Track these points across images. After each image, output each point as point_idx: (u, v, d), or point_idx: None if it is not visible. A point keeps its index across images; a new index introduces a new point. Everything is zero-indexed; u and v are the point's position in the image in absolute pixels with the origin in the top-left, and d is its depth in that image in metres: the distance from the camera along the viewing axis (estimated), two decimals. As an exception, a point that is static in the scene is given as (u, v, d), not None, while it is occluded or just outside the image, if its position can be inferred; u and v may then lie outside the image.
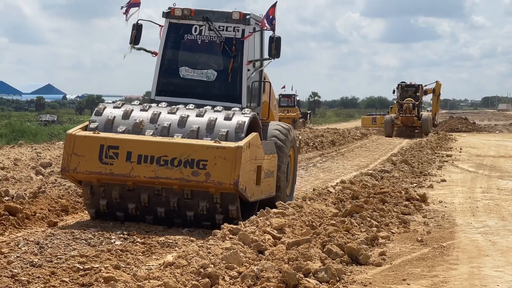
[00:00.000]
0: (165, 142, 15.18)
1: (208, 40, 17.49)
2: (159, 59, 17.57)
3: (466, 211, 19.11)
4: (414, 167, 29.94)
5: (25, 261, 12.24)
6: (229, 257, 11.04)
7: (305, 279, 10.64)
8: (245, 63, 17.30)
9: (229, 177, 14.78)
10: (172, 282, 9.47)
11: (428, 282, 11.69)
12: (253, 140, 15.45)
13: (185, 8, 17.35)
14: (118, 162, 15.11)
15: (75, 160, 15.24)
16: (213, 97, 17.33)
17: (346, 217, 15.74)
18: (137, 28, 17.74)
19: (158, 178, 15.02)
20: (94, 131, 15.64)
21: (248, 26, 17.35)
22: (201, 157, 14.84)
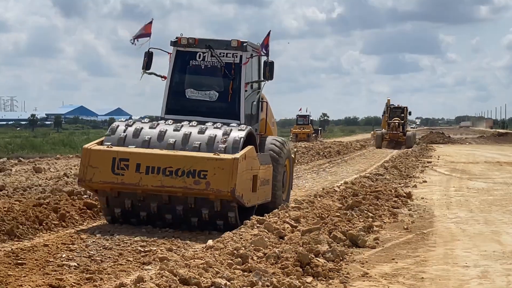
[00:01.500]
0: (170, 155, 14.00)
1: (211, 65, 16.29)
2: (168, 82, 16.38)
3: (442, 205, 19.04)
4: (402, 171, 29.81)
5: (99, 245, 12.32)
6: (256, 241, 11.05)
7: (315, 259, 10.64)
8: (243, 85, 16.09)
9: (226, 185, 13.60)
10: (212, 261, 9.49)
11: (412, 260, 11.69)
12: (248, 152, 14.32)
13: (190, 37, 16.26)
14: (129, 173, 13.93)
15: (91, 172, 14.10)
16: (215, 115, 16.00)
17: (348, 210, 15.72)
18: (148, 55, 16.52)
19: (164, 187, 13.85)
20: (108, 145, 14.46)
21: (246, 53, 16.19)
22: (202, 168, 13.69)
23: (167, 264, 8.87)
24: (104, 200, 14.64)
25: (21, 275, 9.84)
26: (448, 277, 10.51)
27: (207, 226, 14.36)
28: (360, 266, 11.09)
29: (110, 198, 14.50)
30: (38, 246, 12.09)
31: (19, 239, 12.80)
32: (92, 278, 9.82)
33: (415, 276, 10.50)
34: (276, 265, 10.19)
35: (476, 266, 11.24)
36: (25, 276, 9.79)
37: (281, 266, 10.17)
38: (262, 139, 16.98)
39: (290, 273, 9.89)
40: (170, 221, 14.42)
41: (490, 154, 47.21)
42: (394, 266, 11.21)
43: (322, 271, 10.29)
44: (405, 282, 10.13)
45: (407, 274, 10.66)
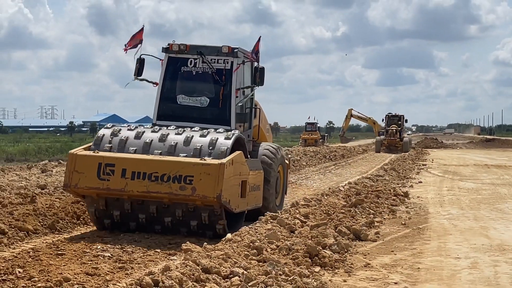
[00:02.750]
0: (155, 160, 12.40)
1: (202, 71, 14.66)
2: (159, 88, 14.72)
3: (436, 203, 18.97)
4: (400, 173, 29.75)
5: (130, 238, 12.34)
6: (270, 235, 11.04)
7: (323, 251, 10.62)
8: (234, 91, 14.46)
9: (212, 191, 12.03)
10: (230, 252, 9.49)
11: (409, 252, 11.66)
12: (236, 157, 12.75)
13: (181, 44, 14.63)
14: (114, 178, 12.33)
15: (76, 177, 12.50)
16: (206, 120, 14.44)
17: (352, 207, 15.69)
18: (140, 62, 14.87)
19: (150, 193, 12.25)
20: (94, 150, 12.91)
21: (236, 59, 14.55)
22: (188, 173, 12.13)
23: (191, 255, 8.88)
24: (92, 211, 13.03)
25: (61, 264, 9.87)
26: (441, 267, 10.48)
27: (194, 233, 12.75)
28: (362, 257, 11.07)
29: (97, 210, 12.96)
30: (76, 239, 12.18)
31: (59, 232, 12.87)
32: (124, 267, 9.83)
33: (412, 267, 10.48)
34: (287, 256, 10.18)
35: (467, 258, 11.20)
36: (65, 265, 9.82)
37: (292, 257, 10.16)
38: (255, 145, 15.63)
39: (300, 263, 9.88)
40: (159, 230, 12.84)
41: (479, 158, 47.06)
42: (393, 258, 11.19)
43: (329, 261, 10.28)
44: (403, 272, 10.11)
45: (405, 264, 10.64)
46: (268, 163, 15.09)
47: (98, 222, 13.14)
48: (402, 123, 61.49)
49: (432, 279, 9.72)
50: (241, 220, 13.49)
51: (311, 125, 73.18)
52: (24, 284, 8.17)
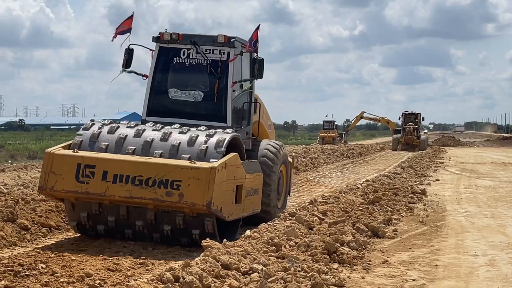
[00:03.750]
0: (140, 162, 10.90)
1: (196, 63, 13.18)
2: (150, 81, 13.29)
3: (454, 201, 18.90)
4: (417, 171, 29.67)
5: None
6: (289, 232, 11.04)
7: (341, 247, 10.60)
8: (230, 84, 12.98)
9: (202, 198, 10.60)
10: (250, 249, 9.50)
11: (427, 250, 11.62)
12: (230, 160, 11.24)
13: (173, 33, 13.17)
14: (94, 181, 10.87)
15: (53, 179, 11.05)
16: (200, 117, 13.00)
17: (370, 205, 15.65)
18: (129, 52, 13.34)
19: (133, 198, 10.78)
20: (73, 149, 11.42)
21: (234, 49, 13.10)
22: (175, 178, 10.65)
23: (211, 251, 8.90)
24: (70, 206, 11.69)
25: (83, 260, 9.92)
26: (459, 265, 10.44)
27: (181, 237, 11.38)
28: (380, 254, 11.05)
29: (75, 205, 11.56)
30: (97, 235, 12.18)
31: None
32: (144, 263, 9.86)
33: (429, 264, 10.45)
34: (306, 253, 10.18)
35: (484, 255, 11.15)
36: (86, 261, 9.86)
37: (311, 254, 10.15)
38: (255, 143, 14.20)
39: (319, 260, 9.87)
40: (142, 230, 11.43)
41: (496, 156, 46.80)
42: (411, 255, 11.15)
43: (347, 258, 10.26)
44: (421, 269, 10.08)
45: (422, 261, 10.61)
46: (268, 164, 13.75)
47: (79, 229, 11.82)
48: (419, 121, 61.22)
49: (450, 276, 9.68)
50: (236, 228, 12.13)
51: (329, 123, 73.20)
52: (47, 279, 8.22)
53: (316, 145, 59.48)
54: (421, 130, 64.10)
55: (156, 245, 11.35)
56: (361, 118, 74.39)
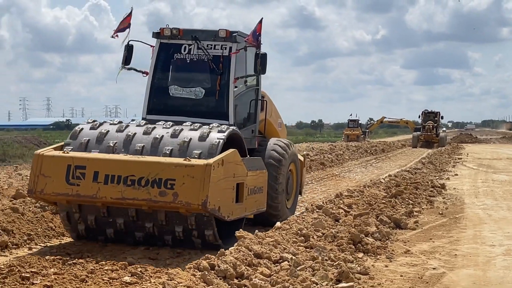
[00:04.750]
0: (132, 161, 9.74)
1: (197, 59, 11.96)
2: (150, 78, 12.12)
3: (471, 194, 18.76)
4: (437, 166, 29.45)
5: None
6: (316, 223, 11.03)
7: (365, 238, 10.58)
8: (232, 81, 11.73)
9: (197, 197, 9.41)
10: (280, 239, 9.51)
11: (446, 240, 11.56)
12: (228, 157, 10.00)
13: (173, 28, 11.98)
14: (85, 182, 9.74)
15: (42, 181, 9.92)
16: (201, 114, 11.76)
17: (392, 198, 15.58)
18: (128, 49, 12.19)
19: (125, 199, 9.64)
20: (64, 150, 10.27)
21: (236, 44, 11.84)
22: (168, 176, 9.50)
23: (244, 241, 8.92)
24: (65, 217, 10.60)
25: (125, 250, 9.99)
26: (477, 254, 10.37)
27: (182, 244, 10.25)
28: (403, 244, 11.00)
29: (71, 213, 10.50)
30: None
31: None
32: (182, 253, 9.91)
33: (449, 253, 10.39)
34: (333, 243, 10.17)
35: (501, 245, 11.06)
36: (128, 250, 9.94)
37: (337, 244, 10.14)
38: (263, 141, 12.98)
39: (345, 249, 9.86)
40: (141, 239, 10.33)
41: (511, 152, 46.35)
42: (431, 245, 11.10)
43: (371, 248, 10.24)
44: (441, 258, 10.03)
45: (442, 251, 10.55)
46: (276, 163, 12.50)
47: (71, 229, 10.70)
48: (438, 120, 60.68)
49: (469, 265, 9.63)
50: (239, 228, 10.54)
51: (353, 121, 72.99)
52: (92, 267, 8.29)
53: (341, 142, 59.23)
54: (440, 128, 63.55)
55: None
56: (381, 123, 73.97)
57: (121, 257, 9.27)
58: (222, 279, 7.40)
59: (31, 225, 10.98)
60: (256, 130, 12.82)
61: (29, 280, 7.66)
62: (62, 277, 7.84)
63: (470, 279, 8.74)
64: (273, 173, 12.29)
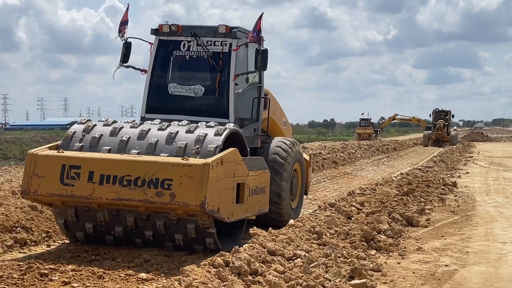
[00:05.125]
0: (128, 161, 9.20)
1: (196, 56, 11.41)
2: (148, 76, 11.55)
3: (483, 192, 18.67)
4: (448, 164, 29.34)
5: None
6: (329, 221, 11.01)
7: (378, 235, 10.55)
8: (232, 78, 11.15)
9: (195, 197, 8.84)
10: (293, 236, 9.49)
11: (458, 237, 11.50)
12: (227, 156, 9.41)
13: (172, 24, 11.39)
14: (80, 183, 9.20)
15: (36, 182, 9.37)
16: (201, 113, 11.22)
17: (404, 196, 15.52)
18: (126, 46, 11.64)
19: (121, 200, 9.09)
20: (58, 150, 9.70)
21: (236, 40, 11.28)
22: (166, 176, 8.95)
23: (258, 239, 8.91)
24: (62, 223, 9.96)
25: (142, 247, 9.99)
26: (489, 251, 10.32)
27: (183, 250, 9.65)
28: (415, 242, 10.96)
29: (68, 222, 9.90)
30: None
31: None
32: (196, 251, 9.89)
33: (461, 250, 10.35)
34: (345, 240, 10.15)
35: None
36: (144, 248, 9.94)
37: (350, 241, 10.12)
38: (266, 140, 12.41)
39: (357, 247, 9.84)
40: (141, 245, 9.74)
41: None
42: (443, 242, 11.05)
43: (384, 245, 10.21)
44: (453, 255, 9.98)
45: (454, 248, 10.51)
46: (279, 162, 11.98)
47: (70, 236, 10.16)
48: (449, 118, 60.39)
49: (480, 262, 9.58)
50: (240, 230, 10.42)
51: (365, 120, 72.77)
52: (109, 264, 8.32)
53: (353, 141, 59.11)
54: (451, 127, 63.24)
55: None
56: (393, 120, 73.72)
57: (137, 254, 9.27)
58: (236, 275, 7.39)
59: (49, 223, 11.03)
60: (258, 128, 12.21)
61: (48, 277, 7.69)
62: (80, 273, 7.89)
63: (482, 276, 8.70)
64: (276, 173, 11.82)
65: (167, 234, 9.48)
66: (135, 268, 8.22)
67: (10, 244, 9.75)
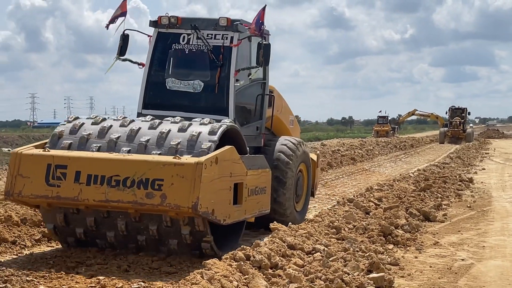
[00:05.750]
0: (116, 160, 8.31)
1: (196, 49, 10.48)
2: (146, 70, 10.64)
3: (499, 188, 18.53)
4: (464, 161, 29.17)
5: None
6: (347, 216, 10.98)
7: (395, 230, 10.51)
8: (233, 73, 10.25)
9: (186, 199, 7.96)
10: (313, 231, 9.48)
11: (474, 232, 11.42)
12: (223, 154, 8.48)
13: (171, 16, 10.50)
14: (66, 183, 8.31)
15: (20, 182, 8.49)
16: (200, 109, 10.33)
17: (421, 191, 15.46)
18: (124, 38, 10.71)
19: (109, 202, 8.19)
20: (44, 148, 8.81)
21: (237, 33, 10.35)
22: (156, 176, 8.07)
23: (278, 233, 8.91)
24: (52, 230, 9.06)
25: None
26: (504, 246, 10.24)
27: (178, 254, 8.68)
28: (432, 236, 10.91)
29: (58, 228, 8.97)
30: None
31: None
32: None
33: (477, 245, 10.28)
34: (363, 235, 10.13)
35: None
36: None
37: (368, 235, 10.10)
38: (271, 139, 11.57)
39: (375, 241, 9.81)
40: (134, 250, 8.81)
41: (538, 147, 45.76)
42: (460, 237, 10.99)
43: (401, 240, 10.17)
44: (469, 250, 9.92)
45: (470, 243, 10.44)
46: (284, 161, 11.11)
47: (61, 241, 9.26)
48: (465, 116, 59.95)
49: (496, 256, 9.51)
50: (239, 232, 9.48)
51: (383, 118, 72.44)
52: (133, 258, 8.35)
53: (371, 138, 58.89)
54: (467, 124, 62.76)
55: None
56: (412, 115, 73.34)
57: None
58: (257, 269, 7.39)
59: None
60: (262, 127, 11.24)
61: (74, 270, 7.75)
62: (105, 267, 7.94)
63: (498, 270, 8.64)
64: (280, 174, 10.99)
65: (161, 239, 8.62)
66: (159, 262, 8.25)
67: (38, 238, 9.84)
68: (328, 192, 17.39)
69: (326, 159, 26.24)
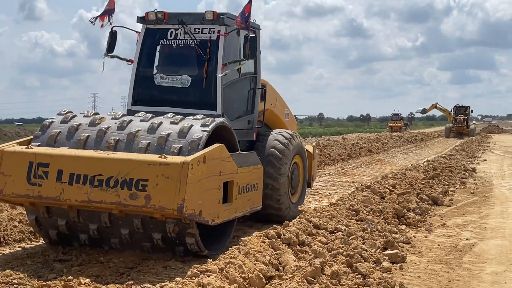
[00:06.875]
0: (99, 158, 7.06)
1: (183, 44, 9.21)
2: (135, 66, 9.42)
3: (499, 177, 18.27)
4: (468, 152, 28.80)
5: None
6: (365, 200, 10.91)
7: (408, 213, 10.43)
8: (220, 67, 8.91)
9: (172, 200, 6.73)
10: (335, 213, 9.44)
11: (477, 215, 11.28)
12: (212, 153, 7.23)
13: (158, 12, 9.27)
14: (48, 182, 7.12)
15: (2, 181, 7.30)
16: (188, 104, 8.98)
17: (430, 179, 15.28)
18: (112, 35, 9.56)
19: (91, 202, 6.97)
20: (28, 145, 7.54)
21: (224, 27, 9.05)
22: (140, 176, 6.83)
23: (304, 215, 8.89)
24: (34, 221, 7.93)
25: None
26: (504, 227, 10.11)
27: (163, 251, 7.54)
28: (439, 219, 10.80)
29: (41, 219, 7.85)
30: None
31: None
32: (253, 225, 9.90)
33: (480, 226, 10.16)
34: (379, 217, 10.06)
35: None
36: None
37: (383, 217, 10.03)
38: (263, 133, 10.23)
39: (390, 222, 9.74)
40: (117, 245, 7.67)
41: (534, 141, 45.00)
42: (464, 219, 10.86)
43: (413, 221, 10.09)
44: (473, 230, 9.80)
45: (474, 224, 10.32)
46: (277, 155, 9.87)
47: (43, 235, 8.11)
48: (468, 113, 59.06)
49: (497, 236, 9.39)
50: (229, 230, 8.27)
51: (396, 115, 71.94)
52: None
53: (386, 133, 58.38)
54: (470, 121, 61.85)
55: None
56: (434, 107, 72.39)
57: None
58: (286, 245, 7.38)
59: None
60: (253, 121, 9.97)
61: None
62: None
63: (498, 248, 8.53)
64: (274, 167, 9.81)
65: (145, 232, 7.43)
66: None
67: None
68: (348, 180, 17.32)
69: (347, 151, 26.14)
